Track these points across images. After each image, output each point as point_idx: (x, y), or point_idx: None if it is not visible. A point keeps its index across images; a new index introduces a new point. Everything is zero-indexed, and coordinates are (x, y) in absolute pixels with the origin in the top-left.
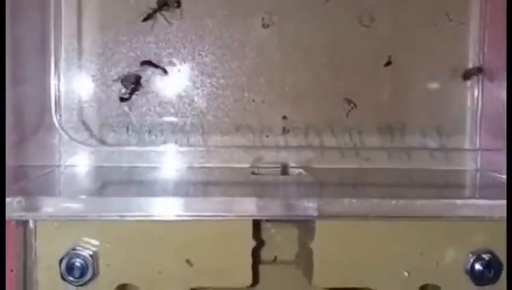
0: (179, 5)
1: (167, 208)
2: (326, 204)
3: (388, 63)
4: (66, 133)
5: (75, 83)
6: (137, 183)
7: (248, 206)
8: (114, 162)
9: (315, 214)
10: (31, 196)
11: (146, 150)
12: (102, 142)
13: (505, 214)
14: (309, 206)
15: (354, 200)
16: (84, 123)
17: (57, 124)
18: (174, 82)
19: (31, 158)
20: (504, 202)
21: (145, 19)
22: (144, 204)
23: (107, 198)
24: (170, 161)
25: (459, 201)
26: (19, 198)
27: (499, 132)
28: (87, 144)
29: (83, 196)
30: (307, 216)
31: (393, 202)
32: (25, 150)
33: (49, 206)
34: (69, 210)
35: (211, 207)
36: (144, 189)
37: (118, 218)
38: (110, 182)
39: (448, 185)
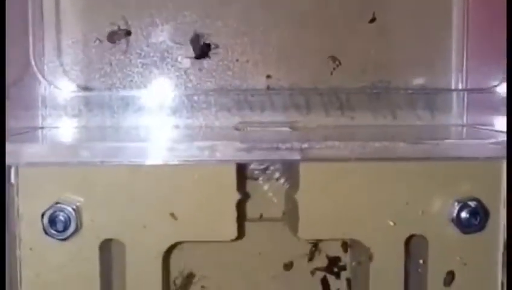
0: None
1: (150, 154)
2: (309, 147)
3: (372, 20)
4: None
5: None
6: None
7: (231, 150)
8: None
9: (298, 157)
10: (12, 143)
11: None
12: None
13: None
14: (292, 148)
15: (337, 143)
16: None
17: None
18: (158, 42)
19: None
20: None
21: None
22: (127, 149)
23: (89, 143)
24: (153, 120)
25: (444, 142)
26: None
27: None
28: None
29: (66, 143)
30: (290, 160)
31: (377, 144)
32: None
33: (32, 153)
34: (52, 156)
35: (194, 152)
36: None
37: (99, 164)
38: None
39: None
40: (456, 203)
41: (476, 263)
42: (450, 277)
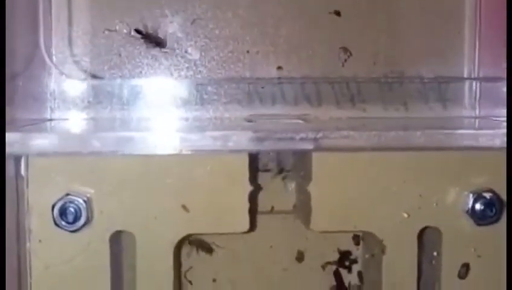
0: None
1: (162, 144)
2: (323, 137)
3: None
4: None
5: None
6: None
7: (244, 139)
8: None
9: (312, 147)
10: (24, 132)
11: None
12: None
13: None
14: (306, 138)
15: (351, 132)
16: None
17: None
18: (167, 33)
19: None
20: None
21: None
22: (138, 139)
23: (100, 133)
24: (163, 112)
25: (459, 131)
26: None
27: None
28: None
29: (77, 133)
30: (304, 149)
31: (392, 133)
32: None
33: (43, 143)
34: (63, 146)
35: (206, 142)
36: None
37: (110, 154)
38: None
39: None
40: (470, 195)
41: (491, 255)
42: (465, 269)
